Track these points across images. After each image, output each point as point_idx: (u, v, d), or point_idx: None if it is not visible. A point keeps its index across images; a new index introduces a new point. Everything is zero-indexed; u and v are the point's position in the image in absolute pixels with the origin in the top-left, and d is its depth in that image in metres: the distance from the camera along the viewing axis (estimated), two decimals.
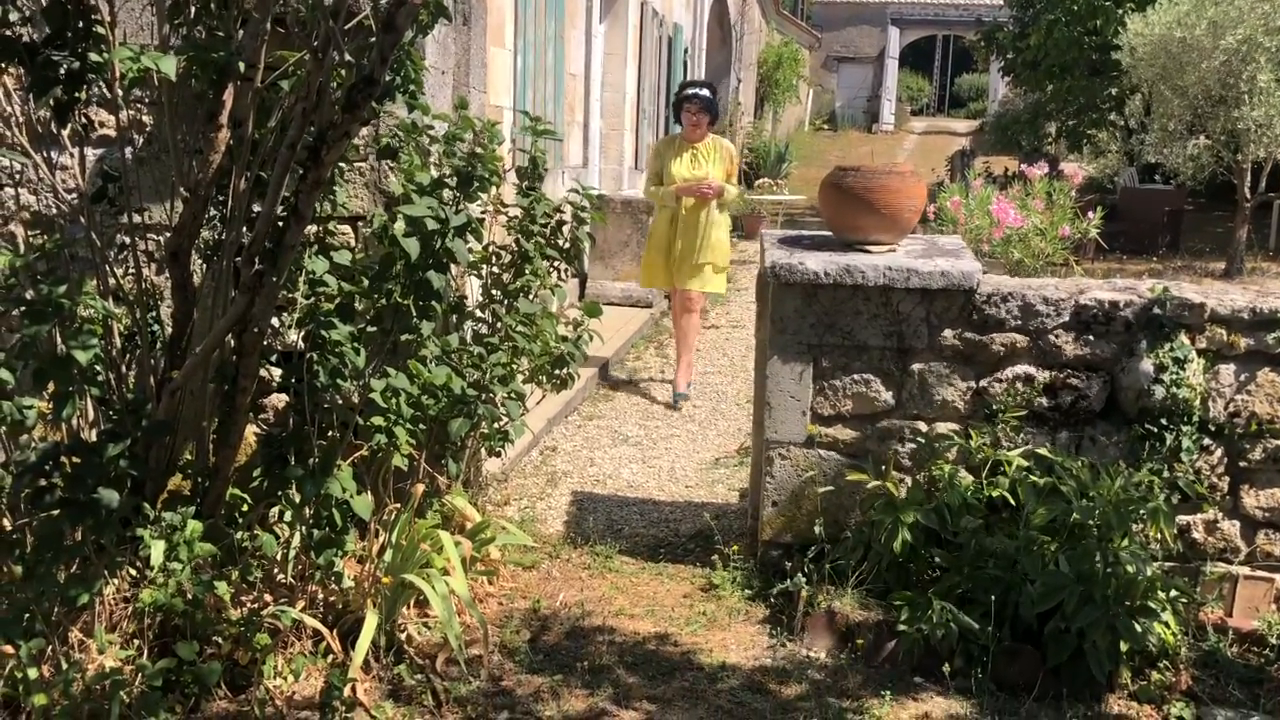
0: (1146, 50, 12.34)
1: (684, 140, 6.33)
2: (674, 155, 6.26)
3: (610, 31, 10.79)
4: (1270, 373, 3.66)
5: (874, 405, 3.84)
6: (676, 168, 6.21)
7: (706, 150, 6.30)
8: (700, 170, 6.22)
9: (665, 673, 3.25)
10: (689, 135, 6.30)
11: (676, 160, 6.24)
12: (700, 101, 6.22)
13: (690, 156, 6.26)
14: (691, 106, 6.23)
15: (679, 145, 6.33)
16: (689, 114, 6.24)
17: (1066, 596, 3.19)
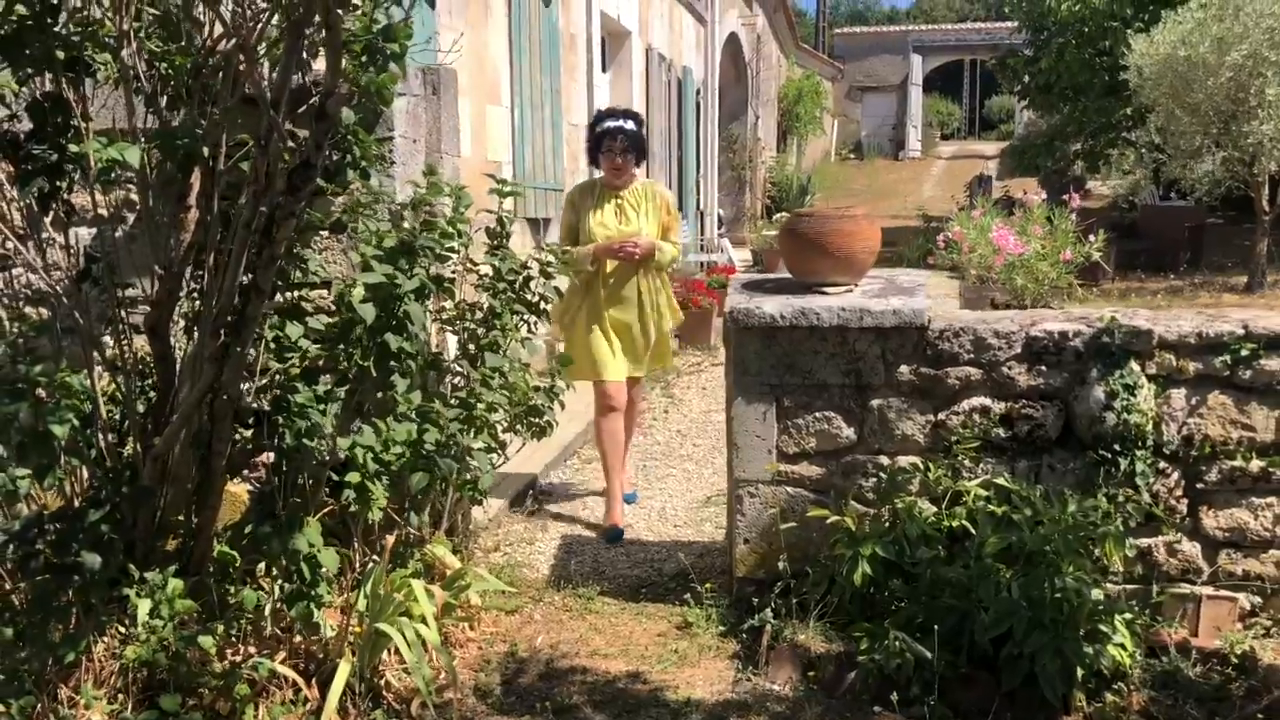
0: (1153, 70, 12.39)
1: (605, 187, 5.01)
2: (593, 206, 4.97)
3: (615, 80, 11.04)
4: (1220, 395, 3.73)
5: (837, 441, 3.95)
6: (596, 222, 4.92)
7: (635, 198, 5.00)
8: (628, 225, 4.94)
9: (631, 710, 3.38)
10: (610, 180, 4.99)
11: (596, 212, 4.95)
12: (625, 137, 4.89)
13: (614, 207, 4.98)
14: (612, 144, 4.91)
15: (599, 193, 5.01)
16: (608, 154, 4.94)
17: (1016, 622, 3.28)
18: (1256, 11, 11.54)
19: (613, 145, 4.93)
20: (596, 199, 5.00)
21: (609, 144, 4.94)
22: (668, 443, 6.63)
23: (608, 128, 4.96)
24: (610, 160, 4.95)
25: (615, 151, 4.92)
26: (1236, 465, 3.73)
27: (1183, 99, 12.38)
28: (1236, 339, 3.70)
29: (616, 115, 5.03)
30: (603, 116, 5.06)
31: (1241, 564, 3.78)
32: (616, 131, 4.93)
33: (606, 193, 5.02)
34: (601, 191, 5.03)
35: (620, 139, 4.90)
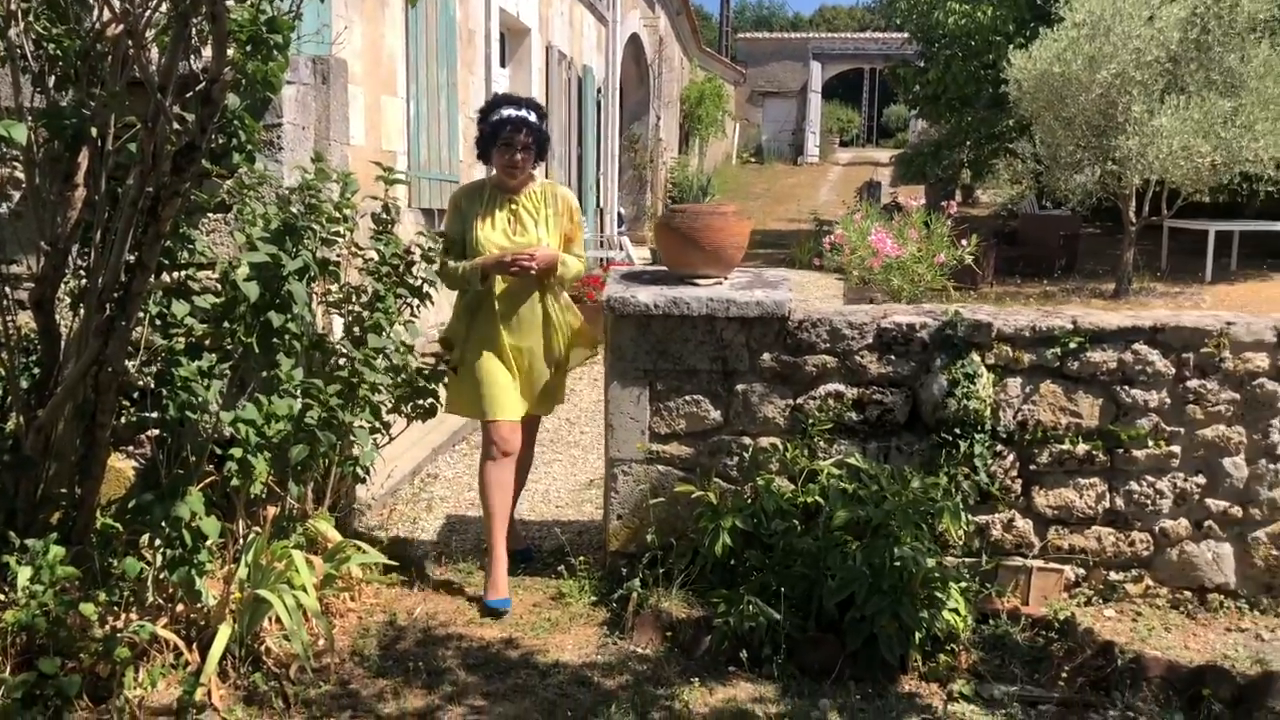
0: (1031, 85, 13.01)
1: (496, 189, 4.18)
2: (481, 212, 4.15)
3: (515, 75, 11.19)
4: (1052, 384, 4.08)
5: (704, 423, 4.20)
6: (485, 232, 4.12)
7: (532, 203, 4.19)
8: (524, 235, 4.14)
9: (502, 672, 3.57)
10: (504, 181, 4.16)
11: (485, 220, 4.14)
12: (527, 130, 4.08)
13: (507, 214, 4.17)
14: (511, 137, 4.07)
15: (489, 197, 4.17)
16: (505, 149, 4.08)
17: (859, 588, 3.56)
18: (1125, 33, 12.21)
19: (512, 139, 4.07)
20: (486, 204, 4.17)
21: (507, 137, 4.07)
22: (556, 430, 6.82)
23: (505, 117, 4.06)
24: (507, 157, 4.09)
25: (515, 147, 4.07)
26: (1065, 448, 4.08)
27: (1058, 112, 13.04)
28: (1066, 333, 4.05)
29: (516, 103, 4.13)
30: (498, 103, 4.15)
31: (1068, 539, 4.14)
32: (518, 123, 4.05)
33: (499, 196, 4.17)
34: (492, 194, 4.18)
35: (523, 132, 4.06)
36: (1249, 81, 12.29)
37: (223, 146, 3.13)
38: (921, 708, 3.43)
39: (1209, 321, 4.04)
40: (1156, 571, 4.14)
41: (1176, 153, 12.06)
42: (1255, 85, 12.21)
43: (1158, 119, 12.09)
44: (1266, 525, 4.09)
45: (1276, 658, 3.76)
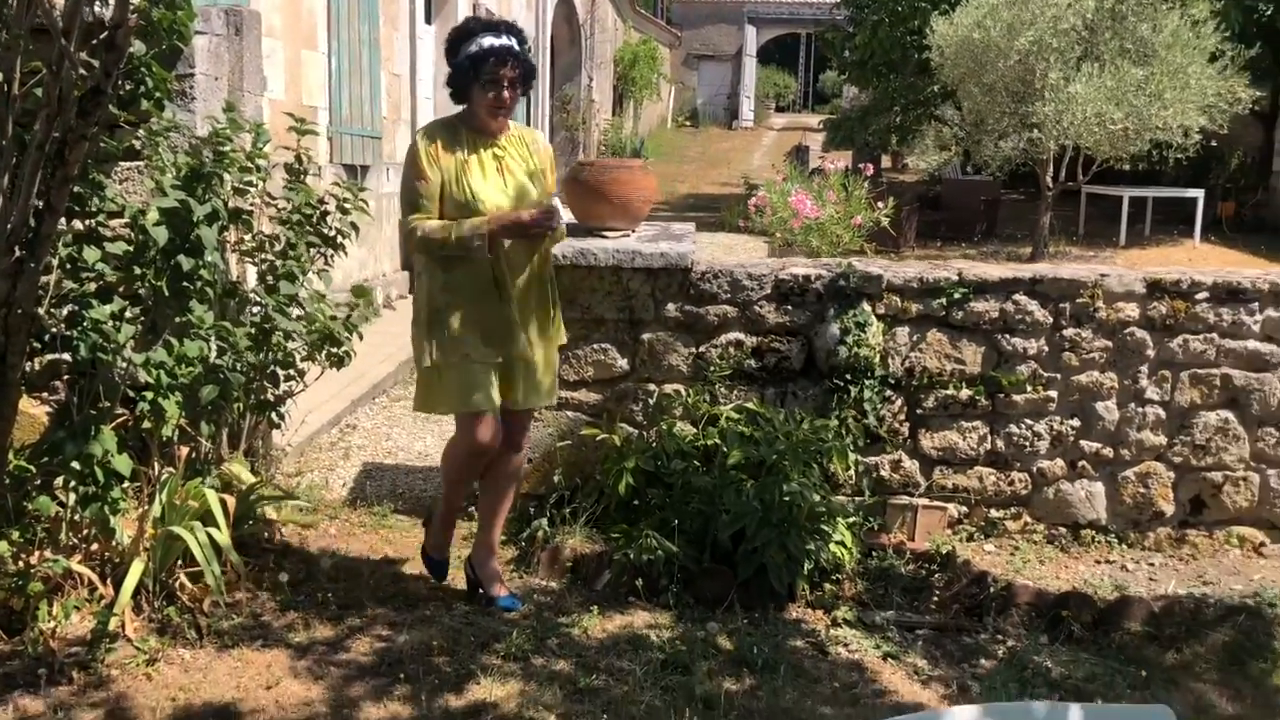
0: (952, 51, 13.28)
1: (475, 132, 3.50)
2: (466, 163, 3.46)
3: (440, 32, 11.16)
4: (938, 333, 4.31)
5: (612, 370, 4.37)
6: (481, 184, 3.46)
7: (515, 148, 3.57)
8: (516, 189, 3.52)
9: (411, 605, 3.73)
10: (486, 123, 3.49)
11: (471, 171, 3.46)
12: (513, 60, 3.41)
13: (494, 161, 3.51)
14: (497, 71, 3.38)
15: (468, 141, 3.49)
16: (490, 85, 3.39)
17: (749, 521, 3.78)
18: (1043, 0, 12.52)
19: (497, 74, 3.38)
20: (467, 150, 3.48)
21: (490, 71, 3.37)
22: None
23: (487, 48, 3.37)
24: (492, 94, 3.41)
25: (501, 82, 3.39)
26: (949, 394, 4.32)
27: (979, 79, 13.33)
28: (951, 284, 4.28)
29: (494, 28, 3.45)
30: (472, 31, 3.45)
31: (952, 479, 4.39)
32: (503, 54, 3.37)
33: (477, 141, 3.50)
34: (470, 139, 3.49)
35: (509, 64, 3.39)
36: (1159, 51, 12.66)
37: (130, 93, 3.20)
38: (806, 632, 3.66)
39: (1084, 273, 4.30)
40: (1034, 509, 4.41)
41: (1090, 119, 12.41)
42: (1165, 55, 12.59)
43: (1073, 86, 12.41)
44: (1135, 465, 4.37)
45: (1136, 585, 4.05)
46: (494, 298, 3.49)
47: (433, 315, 3.51)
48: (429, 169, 3.47)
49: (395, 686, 3.15)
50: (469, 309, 3.47)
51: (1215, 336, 4.26)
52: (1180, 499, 4.39)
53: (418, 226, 3.46)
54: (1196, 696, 3.41)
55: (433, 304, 3.52)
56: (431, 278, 3.54)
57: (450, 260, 3.46)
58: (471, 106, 3.53)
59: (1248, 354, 4.27)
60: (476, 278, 3.48)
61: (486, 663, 3.32)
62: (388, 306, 8.71)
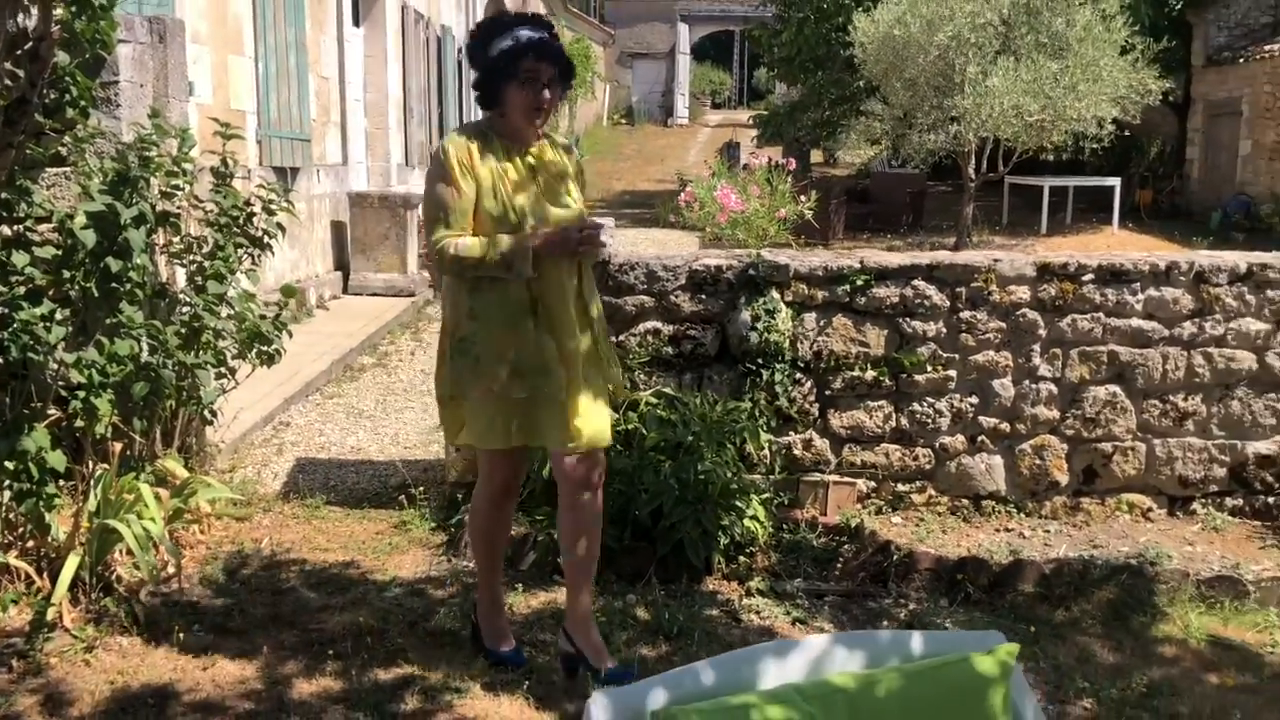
0: (874, 47, 13.63)
1: (507, 139, 3.12)
2: (500, 170, 3.09)
3: (369, 34, 11.26)
4: (843, 318, 4.55)
5: None
6: (523, 199, 3.09)
7: (549, 155, 3.20)
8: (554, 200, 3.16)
9: (343, 588, 3.88)
10: (521, 129, 3.12)
11: (509, 182, 3.09)
12: (553, 56, 3.06)
13: (529, 171, 3.14)
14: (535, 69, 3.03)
15: (500, 150, 3.10)
16: (528, 84, 3.03)
17: (666, 499, 3.98)
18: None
19: (536, 71, 3.03)
20: (501, 157, 3.10)
21: (530, 69, 3.02)
22: (410, 380, 7.09)
23: (524, 42, 3.02)
24: (531, 95, 3.05)
25: (541, 81, 3.04)
26: (856, 375, 4.56)
27: (901, 74, 13.70)
28: (855, 271, 4.51)
29: (530, 22, 3.10)
30: (505, 25, 3.10)
31: (860, 456, 4.63)
32: (542, 49, 3.04)
33: (512, 148, 3.13)
34: (502, 147, 3.12)
35: (548, 59, 3.05)
36: (1073, 44, 13.10)
37: (56, 101, 3.31)
38: (721, 602, 3.87)
39: (978, 259, 4.56)
40: (938, 482, 4.67)
41: (1008, 111, 12.81)
42: (1078, 48, 13.03)
43: (991, 79, 12.82)
44: (1030, 438, 4.64)
45: (1031, 550, 4.32)
46: (528, 325, 3.08)
47: (455, 345, 3.14)
48: (462, 179, 3.05)
49: (326, 664, 3.31)
50: (499, 338, 3.07)
51: (1101, 315, 4.54)
52: (1074, 469, 4.67)
53: (450, 244, 3.02)
54: (1081, 648, 3.67)
55: (457, 332, 3.14)
56: (456, 304, 3.15)
57: (479, 282, 3.07)
58: (505, 109, 3.10)
59: (1132, 331, 4.56)
60: (508, 302, 3.07)
61: (416, 640, 3.48)
62: (320, 307, 8.81)
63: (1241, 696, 3.38)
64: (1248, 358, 4.54)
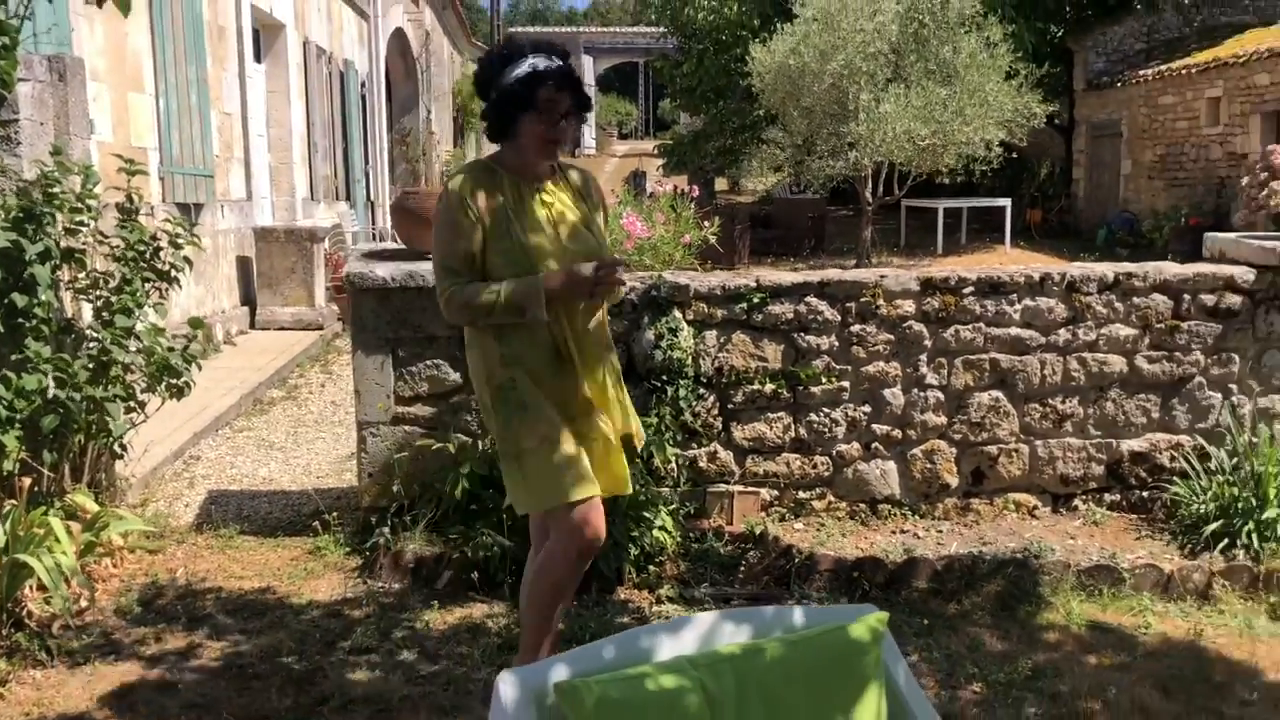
0: (771, 76, 14.04)
1: (516, 174, 2.99)
2: (512, 207, 2.94)
3: (271, 70, 11.26)
4: (742, 334, 4.74)
5: (445, 385, 4.65)
6: (532, 234, 2.95)
7: (564, 191, 3.06)
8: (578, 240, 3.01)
9: (259, 613, 3.93)
10: (532, 163, 2.99)
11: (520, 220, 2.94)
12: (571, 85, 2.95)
13: (543, 208, 2.99)
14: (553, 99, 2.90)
15: (510, 186, 2.97)
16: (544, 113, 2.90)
17: None
18: (851, 26, 13.36)
19: (554, 101, 2.90)
20: (512, 197, 2.95)
21: (547, 98, 2.88)
22: (320, 412, 7.12)
23: (540, 71, 2.88)
24: (544, 126, 2.91)
25: (558, 112, 2.91)
26: (756, 388, 4.76)
27: (798, 102, 14.12)
28: (751, 290, 4.72)
29: (544, 50, 2.94)
30: (517, 53, 2.93)
31: (763, 466, 4.82)
32: (560, 78, 2.90)
33: (521, 185, 2.98)
34: (513, 183, 2.97)
35: (568, 88, 2.92)
36: (960, 71, 13.66)
37: None
38: (632, 610, 4.01)
39: (867, 275, 4.80)
40: (837, 489, 4.88)
41: (900, 136, 13.29)
42: (964, 75, 13.59)
43: (884, 106, 13.30)
44: (921, 444, 4.88)
45: (924, 549, 4.55)
46: (562, 368, 2.98)
47: (497, 395, 2.96)
48: (468, 223, 2.90)
49: (248, 684, 3.37)
50: (537, 380, 2.95)
51: (982, 325, 4.81)
52: (963, 471, 4.92)
53: (455, 293, 2.90)
54: (971, 638, 3.90)
55: (493, 381, 2.97)
56: (485, 352, 3.00)
57: (504, 329, 2.95)
58: (518, 141, 2.95)
59: (1011, 339, 4.84)
60: (538, 345, 2.95)
61: (334, 658, 3.56)
62: (228, 343, 8.77)
63: (1117, 674, 3.62)
64: (1119, 361, 4.85)
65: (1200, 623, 4.01)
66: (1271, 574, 4.21)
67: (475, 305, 2.90)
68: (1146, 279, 4.80)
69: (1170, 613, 4.11)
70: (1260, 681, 3.60)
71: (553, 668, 1.72)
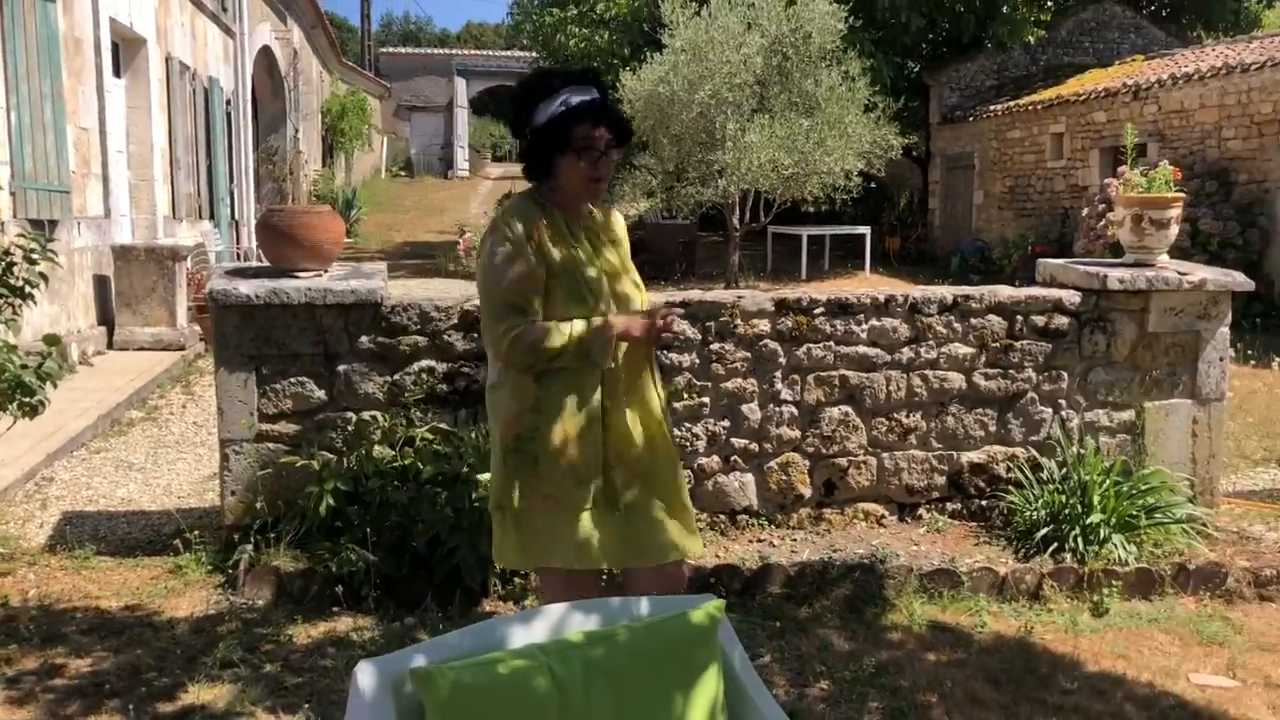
0: (641, 104, 14.34)
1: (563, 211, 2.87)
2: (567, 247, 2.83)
3: (132, 85, 11.00)
4: None
5: (310, 402, 4.67)
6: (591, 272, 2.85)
7: (601, 229, 2.98)
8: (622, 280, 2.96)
9: (118, 631, 3.89)
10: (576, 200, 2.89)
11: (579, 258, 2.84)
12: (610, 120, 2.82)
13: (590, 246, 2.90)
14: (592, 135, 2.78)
15: (561, 222, 2.86)
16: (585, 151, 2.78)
17: (442, 528, 4.19)
18: (717, 58, 13.77)
19: (594, 137, 2.78)
20: (564, 233, 2.84)
21: (586, 135, 2.77)
22: (182, 433, 6.99)
23: (579, 106, 2.76)
24: (588, 166, 2.79)
25: (599, 149, 2.79)
26: None
27: (667, 130, 14.47)
28: None
29: (580, 81, 2.82)
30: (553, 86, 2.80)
31: None
32: (600, 113, 2.79)
33: (569, 221, 2.87)
34: (562, 219, 2.86)
35: (605, 124, 2.80)
36: (821, 103, 14.20)
37: None
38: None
39: (725, 296, 5.02)
40: (698, 501, 5.03)
41: (765, 165, 13.74)
42: (825, 107, 14.13)
43: (749, 135, 13.73)
44: (777, 456, 5.11)
45: (779, 556, 4.76)
46: (597, 420, 2.78)
47: (513, 442, 2.78)
48: (533, 258, 2.73)
49: (106, 701, 3.35)
50: (564, 435, 2.75)
51: (832, 344, 5.07)
52: (816, 483, 5.16)
53: (523, 333, 2.70)
54: (821, 639, 4.11)
55: (516, 426, 2.78)
56: (517, 394, 2.79)
57: (547, 373, 2.75)
58: (558, 181, 2.81)
59: (859, 357, 5.11)
60: (582, 393, 2.75)
61: (196, 673, 3.55)
62: (84, 363, 8.52)
63: (953, 669, 3.88)
64: (958, 378, 5.17)
65: (1030, 621, 4.31)
66: (1094, 574, 4.55)
67: (543, 347, 2.70)
68: (982, 301, 5.14)
69: (1004, 612, 4.40)
70: (1081, 672, 3.90)
71: (410, 657, 1.82)
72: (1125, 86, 14.75)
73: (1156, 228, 5.23)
